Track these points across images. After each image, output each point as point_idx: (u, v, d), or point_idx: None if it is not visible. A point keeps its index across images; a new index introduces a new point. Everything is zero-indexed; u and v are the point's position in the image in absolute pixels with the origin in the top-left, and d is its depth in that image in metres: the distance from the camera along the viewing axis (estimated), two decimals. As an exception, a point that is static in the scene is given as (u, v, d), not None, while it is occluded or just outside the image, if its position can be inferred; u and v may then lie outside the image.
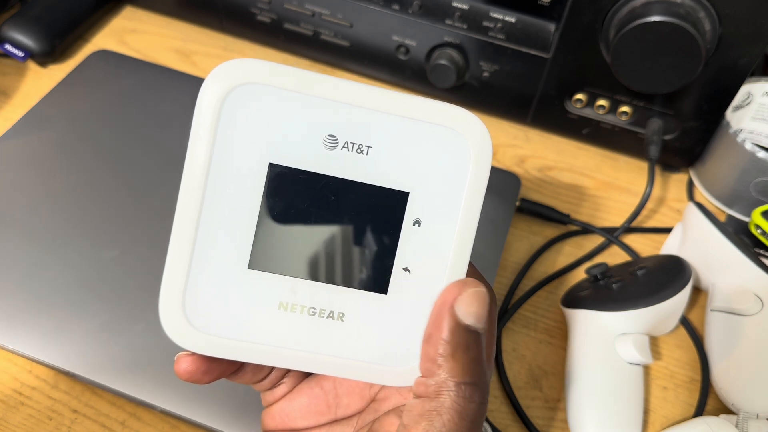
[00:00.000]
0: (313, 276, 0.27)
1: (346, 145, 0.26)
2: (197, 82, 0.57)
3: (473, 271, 0.29)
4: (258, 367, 0.30)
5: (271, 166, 0.26)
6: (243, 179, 0.26)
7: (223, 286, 0.27)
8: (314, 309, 0.27)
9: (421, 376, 0.26)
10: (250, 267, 0.26)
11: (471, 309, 0.25)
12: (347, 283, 0.27)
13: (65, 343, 0.41)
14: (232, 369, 0.29)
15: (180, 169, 0.25)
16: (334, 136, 0.26)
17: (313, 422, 0.30)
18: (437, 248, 0.27)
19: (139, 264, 0.45)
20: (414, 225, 0.27)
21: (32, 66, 0.61)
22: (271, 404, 0.31)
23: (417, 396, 0.26)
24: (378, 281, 0.27)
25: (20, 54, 0.59)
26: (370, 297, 0.27)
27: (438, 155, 0.26)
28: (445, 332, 0.25)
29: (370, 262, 0.27)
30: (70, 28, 0.62)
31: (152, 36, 0.65)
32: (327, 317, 0.27)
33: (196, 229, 0.26)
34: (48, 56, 0.60)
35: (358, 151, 0.26)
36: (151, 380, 0.40)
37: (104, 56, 0.59)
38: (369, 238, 0.27)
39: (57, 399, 0.41)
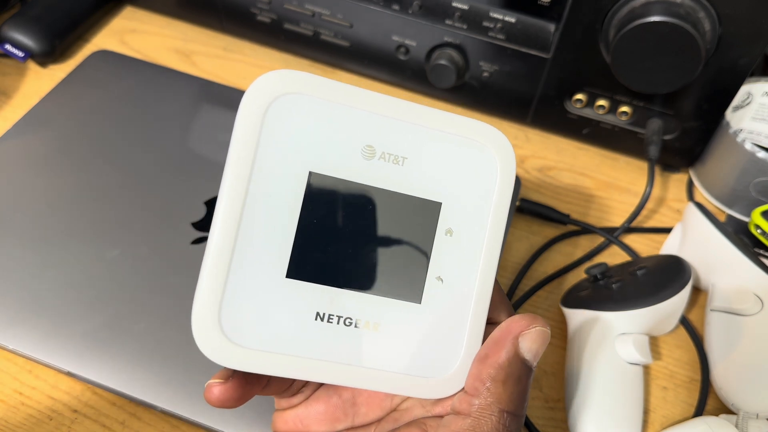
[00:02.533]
0: (350, 285, 0.27)
1: (383, 156, 0.27)
2: (197, 82, 0.57)
3: (511, 309, 0.30)
4: (284, 380, 0.29)
5: (311, 174, 0.26)
6: (283, 187, 0.26)
7: (260, 296, 0.26)
8: (351, 319, 0.27)
9: (466, 393, 0.26)
10: (288, 276, 0.26)
11: (533, 346, 0.26)
12: (383, 292, 0.27)
13: (65, 343, 0.41)
14: (261, 387, 0.28)
15: (180, 169, 0.25)
16: (372, 147, 0.27)
17: (328, 429, 0.30)
18: (468, 257, 0.28)
19: (139, 264, 0.45)
20: (446, 234, 0.28)
21: (32, 66, 0.61)
22: (286, 409, 0.31)
23: (456, 411, 0.26)
24: (413, 290, 0.28)
25: (20, 54, 0.59)
26: (404, 306, 0.27)
27: (468, 167, 0.27)
28: (503, 358, 0.26)
29: (405, 271, 0.27)
30: (70, 28, 0.62)
31: (152, 36, 0.65)
32: (363, 327, 0.27)
33: (236, 238, 0.25)
34: (48, 56, 0.60)
35: (394, 161, 0.27)
36: (151, 380, 0.40)
37: (104, 56, 0.59)
38: (404, 247, 0.27)
39: (57, 399, 0.41)
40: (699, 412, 0.44)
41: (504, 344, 0.26)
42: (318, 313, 0.27)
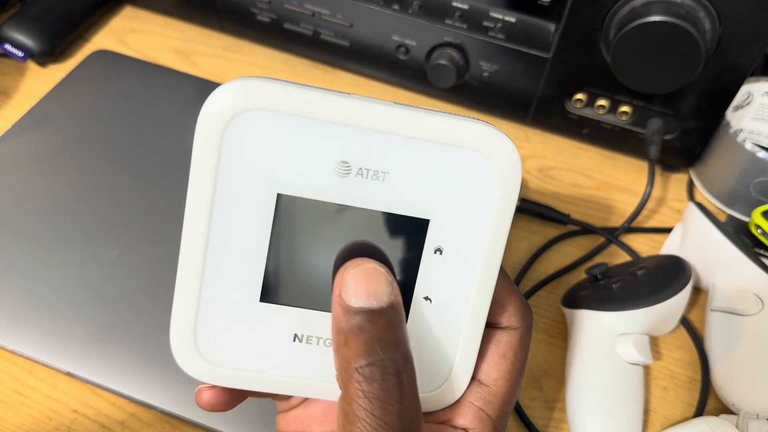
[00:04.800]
0: (328, 307, 0.26)
1: (360, 172, 0.24)
2: (197, 82, 0.57)
3: (517, 292, 0.28)
4: None
5: (280, 196, 0.24)
6: (250, 211, 0.24)
7: (234, 319, 0.25)
8: (330, 340, 0.26)
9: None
10: (262, 300, 0.25)
11: (357, 290, 0.24)
12: None
13: (65, 343, 0.41)
14: (250, 392, 0.28)
15: (180, 169, 0.24)
16: (347, 163, 0.24)
17: (328, 429, 0.30)
18: (461, 276, 0.25)
19: (139, 264, 0.45)
20: (435, 253, 0.25)
21: (32, 66, 0.61)
22: (287, 411, 0.31)
23: None
24: None
25: (20, 54, 0.59)
26: None
27: (461, 180, 0.24)
28: (336, 321, 0.24)
29: None
30: (70, 28, 0.62)
31: (152, 36, 0.65)
32: None
33: (204, 263, 0.25)
34: (48, 56, 0.60)
35: (374, 177, 0.24)
36: (151, 380, 0.40)
37: (104, 56, 0.59)
38: (386, 267, 0.25)
39: (57, 399, 0.41)
40: (699, 412, 0.44)
41: (334, 309, 0.24)
42: (296, 335, 0.26)
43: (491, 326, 0.28)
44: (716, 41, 0.46)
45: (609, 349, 0.42)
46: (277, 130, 0.23)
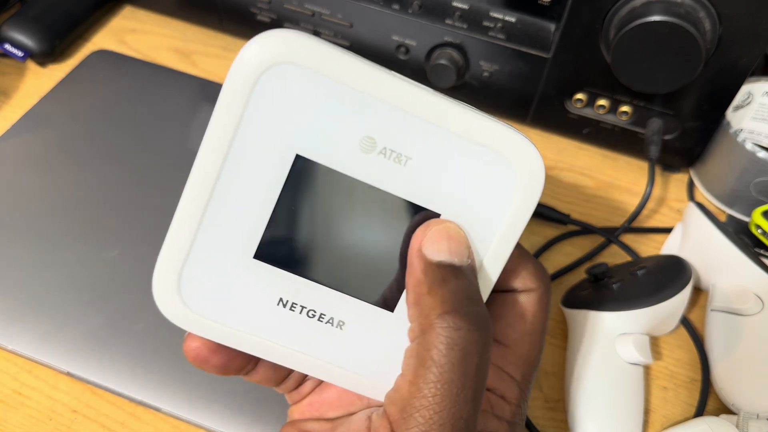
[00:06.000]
0: (320, 279, 0.25)
1: (383, 151, 0.23)
2: (197, 82, 0.57)
3: (529, 254, 0.28)
4: (275, 367, 0.29)
5: (298, 158, 0.23)
6: (265, 165, 0.23)
7: (223, 271, 0.25)
8: (314, 312, 0.26)
9: (410, 325, 0.25)
10: (256, 257, 0.25)
11: (439, 245, 0.24)
12: (355, 293, 0.26)
13: (65, 343, 0.41)
14: (243, 362, 0.28)
15: (180, 169, 0.24)
16: (373, 139, 0.23)
17: (343, 412, 0.29)
18: None
19: (139, 264, 0.45)
20: None
21: (32, 66, 0.61)
22: (298, 402, 0.31)
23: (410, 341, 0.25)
24: (388, 298, 0.26)
25: (20, 54, 0.59)
26: (375, 311, 0.26)
27: (481, 181, 0.24)
28: (417, 273, 0.24)
29: (384, 278, 0.26)
30: (69, 28, 0.62)
31: (152, 36, 0.65)
32: (326, 323, 0.26)
33: (206, 207, 0.24)
34: (48, 56, 0.60)
35: (396, 160, 0.24)
36: (151, 380, 0.40)
37: (104, 56, 0.59)
38: (389, 253, 0.25)
39: (57, 399, 0.41)
40: (699, 412, 0.44)
41: (413, 263, 0.24)
42: (281, 299, 0.25)
43: (506, 292, 0.28)
44: (716, 41, 0.46)
45: (609, 349, 0.42)
46: (310, 90, 0.22)
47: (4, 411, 0.40)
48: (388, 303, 0.26)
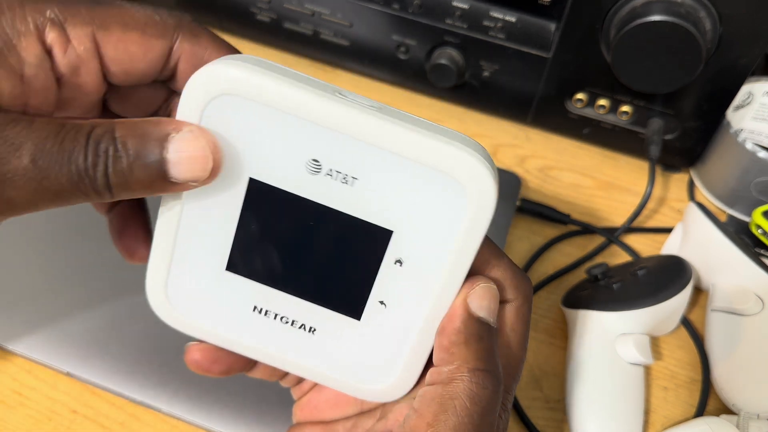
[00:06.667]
0: (288, 289, 0.27)
1: (329, 173, 0.24)
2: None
3: (508, 263, 0.28)
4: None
5: (252, 180, 0.25)
6: (224, 186, 0.25)
7: (202, 280, 0.27)
8: (287, 318, 0.28)
9: (436, 367, 0.26)
10: (228, 269, 0.27)
11: (483, 303, 0.26)
12: (322, 303, 0.27)
13: (65, 343, 0.41)
14: (243, 365, 0.30)
15: None
16: (318, 162, 0.24)
17: (340, 414, 0.31)
18: (419, 290, 0.26)
19: (139, 264, 0.45)
20: (395, 264, 0.26)
21: (32, 66, 0.61)
22: (300, 397, 0.32)
23: (430, 383, 0.26)
24: (351, 308, 0.27)
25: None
26: (343, 320, 0.27)
27: (431, 201, 0.24)
28: (457, 322, 0.26)
29: (347, 289, 0.27)
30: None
31: (152, 36, 0.65)
32: (299, 328, 0.28)
33: (178, 226, 0.26)
34: (47, 56, 0.60)
35: (343, 180, 0.24)
36: (151, 380, 0.40)
37: (104, 56, 0.59)
38: (347, 267, 0.26)
39: (56, 399, 0.41)
40: (700, 412, 0.43)
41: (455, 312, 0.26)
42: (256, 307, 0.28)
43: None
44: (717, 41, 0.46)
45: (609, 349, 0.42)
46: (254, 119, 0.24)
47: (4, 411, 0.40)
48: (354, 312, 0.27)
